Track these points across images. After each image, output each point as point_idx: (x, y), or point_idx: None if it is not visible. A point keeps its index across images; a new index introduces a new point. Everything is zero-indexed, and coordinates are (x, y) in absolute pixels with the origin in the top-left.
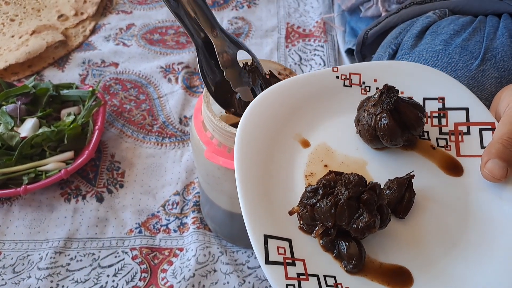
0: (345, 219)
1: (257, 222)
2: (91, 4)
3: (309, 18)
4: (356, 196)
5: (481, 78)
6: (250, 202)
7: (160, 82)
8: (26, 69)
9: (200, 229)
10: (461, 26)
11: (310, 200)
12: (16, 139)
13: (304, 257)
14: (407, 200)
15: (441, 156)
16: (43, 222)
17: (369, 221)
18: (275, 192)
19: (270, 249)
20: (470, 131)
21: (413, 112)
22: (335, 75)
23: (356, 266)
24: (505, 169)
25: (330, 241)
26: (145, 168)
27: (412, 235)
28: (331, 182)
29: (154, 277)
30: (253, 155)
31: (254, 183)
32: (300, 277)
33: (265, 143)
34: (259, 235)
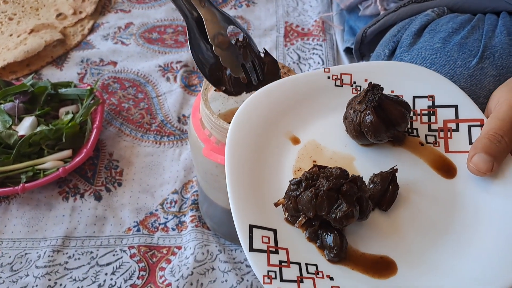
0: (324, 209)
1: (243, 212)
2: (90, 3)
3: (307, 17)
4: (337, 188)
5: (480, 76)
6: (238, 193)
7: (158, 80)
8: (25, 67)
9: (199, 228)
10: (459, 24)
11: (294, 192)
12: (14, 137)
13: (288, 247)
14: (390, 193)
15: (429, 153)
16: (41, 220)
17: (347, 211)
18: (264, 185)
19: (254, 238)
20: (459, 128)
21: (397, 109)
22: (326, 76)
23: (337, 255)
24: (491, 163)
25: (314, 231)
26: (144, 167)
27: (395, 226)
28: (313, 175)
29: (152, 275)
30: (243, 149)
31: (243, 175)
32: (282, 264)
33: (256, 139)
34: (245, 225)
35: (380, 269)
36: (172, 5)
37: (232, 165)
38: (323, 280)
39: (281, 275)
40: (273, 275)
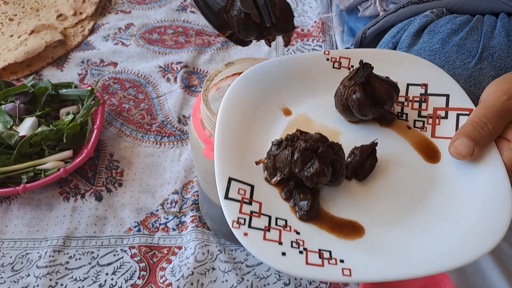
0: (298, 167)
1: (225, 165)
2: (90, 3)
3: (307, 18)
4: (313, 149)
5: (479, 77)
6: (224, 149)
7: (159, 81)
8: (25, 68)
9: (199, 228)
10: (458, 25)
11: (274, 152)
12: (15, 138)
13: (262, 201)
14: (368, 165)
15: (415, 136)
16: (42, 220)
17: (319, 169)
18: (250, 146)
19: (231, 189)
20: (447, 116)
21: (384, 87)
22: (325, 57)
23: (307, 213)
24: (471, 148)
25: (289, 190)
26: (144, 167)
27: (368, 196)
28: (294, 137)
29: (153, 275)
30: (237, 111)
31: (232, 133)
32: (253, 214)
33: (250, 104)
34: (225, 177)
35: (346, 231)
36: (173, 6)
37: (223, 122)
38: (289, 233)
39: (250, 222)
40: (242, 222)
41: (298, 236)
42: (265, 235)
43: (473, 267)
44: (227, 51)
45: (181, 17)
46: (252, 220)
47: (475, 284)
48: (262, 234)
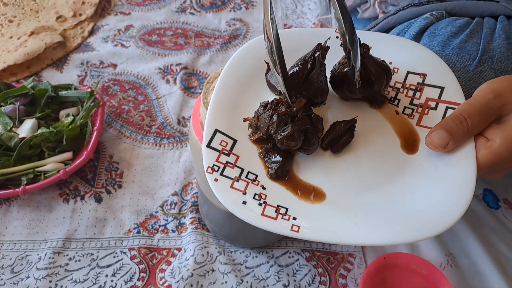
0: (274, 128)
1: (215, 118)
2: (90, 5)
3: (306, 19)
4: (292, 115)
5: (479, 79)
6: (218, 103)
7: (158, 83)
8: (25, 70)
9: (198, 229)
10: (458, 28)
11: (260, 112)
12: (15, 139)
13: (240, 155)
14: (344, 140)
15: (400, 122)
16: (41, 222)
17: (290, 134)
18: (243, 106)
19: (214, 139)
20: (437, 107)
21: (375, 69)
22: (335, 35)
23: (276, 172)
24: (446, 140)
25: (266, 150)
26: (144, 169)
27: (337, 167)
28: (279, 102)
29: (152, 277)
30: (238, 74)
31: (228, 92)
32: (228, 164)
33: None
34: (212, 128)
35: (308, 195)
36: (172, 8)
37: (223, 80)
38: (256, 186)
39: (223, 171)
40: (216, 169)
41: (262, 191)
42: (233, 184)
43: (471, 268)
44: (226, 53)
45: (181, 18)
46: (226, 169)
47: (474, 285)
48: (230, 183)
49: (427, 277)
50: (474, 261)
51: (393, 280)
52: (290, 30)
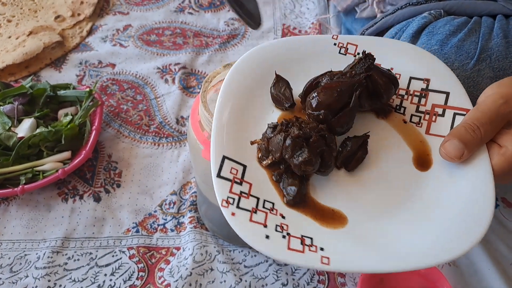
0: (288, 153)
1: (221, 144)
2: (88, 5)
3: (304, 19)
4: (305, 137)
5: (477, 78)
6: (221, 128)
7: (157, 82)
8: (23, 69)
9: (197, 228)
10: (456, 27)
11: (269, 134)
12: (14, 139)
13: (252, 182)
14: (358, 157)
15: (410, 132)
16: (40, 221)
17: (307, 158)
18: (247, 127)
19: (224, 167)
20: (444, 114)
21: (383, 80)
22: (333, 42)
23: (294, 198)
24: (461, 150)
25: (279, 174)
26: (142, 168)
27: (355, 187)
28: (290, 123)
29: (151, 276)
30: (237, 92)
31: (230, 114)
32: (242, 195)
33: (252, 84)
34: (219, 155)
35: (329, 219)
36: (171, 8)
37: (223, 103)
38: (275, 216)
39: (239, 203)
40: (231, 201)
41: (283, 220)
42: (252, 216)
43: (470, 267)
44: (225, 52)
45: (179, 18)
46: (241, 200)
47: (472, 284)
48: (248, 216)
49: (425, 276)
50: (472, 260)
51: (392, 279)
52: (287, 39)
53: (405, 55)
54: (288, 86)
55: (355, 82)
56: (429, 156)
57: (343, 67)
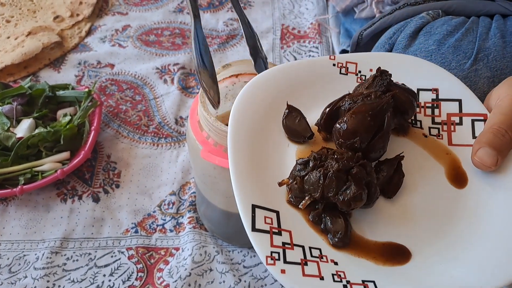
0: (332, 190)
1: (245, 192)
2: (87, 5)
3: (303, 19)
4: (346, 169)
5: (474, 78)
6: (240, 173)
7: (156, 83)
8: (22, 70)
9: (196, 229)
10: (454, 27)
11: (300, 172)
12: (12, 139)
13: (291, 229)
14: (395, 181)
15: (433, 145)
16: (39, 222)
17: (356, 193)
18: (266, 166)
19: (257, 218)
20: (462, 122)
21: (405, 95)
22: (331, 63)
23: (341, 239)
24: (495, 157)
25: (317, 214)
26: (141, 169)
27: (400, 214)
28: (322, 156)
29: (150, 276)
30: (246, 130)
31: (245, 156)
32: (286, 246)
33: (259, 121)
34: (247, 205)
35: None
36: (169, 8)
37: (235, 145)
38: (327, 264)
39: (285, 256)
40: (276, 256)
41: (337, 267)
42: (304, 270)
43: None
44: (224, 53)
45: (178, 18)
46: (287, 253)
47: None
48: (300, 269)
49: None
50: None
51: None
52: (284, 66)
53: (407, 67)
54: (302, 115)
55: (384, 103)
56: (460, 168)
57: (348, 87)
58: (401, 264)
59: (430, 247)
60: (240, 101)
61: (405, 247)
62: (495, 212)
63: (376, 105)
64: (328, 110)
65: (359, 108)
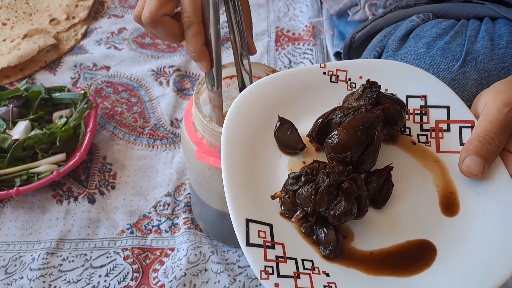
0: (324, 205)
1: (239, 206)
2: (83, 8)
3: (298, 22)
4: (337, 184)
5: (462, 80)
6: (234, 187)
7: (151, 85)
8: (18, 72)
9: (191, 229)
10: (443, 30)
11: (292, 186)
12: (9, 141)
13: (284, 242)
14: (385, 191)
15: (421, 153)
16: (35, 223)
17: (347, 208)
18: (259, 179)
19: (251, 233)
20: (450, 129)
21: (394, 107)
22: (322, 71)
23: (332, 251)
24: (482, 165)
25: (310, 227)
26: (137, 170)
27: (390, 224)
28: (313, 170)
29: (145, 276)
30: (239, 144)
31: (238, 170)
32: (279, 260)
33: (251, 133)
34: (241, 219)
35: (374, 266)
36: None
37: (228, 159)
38: (319, 276)
39: (278, 270)
40: (270, 271)
41: (328, 279)
42: (296, 283)
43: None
44: None
45: None
46: (280, 267)
47: None
48: (293, 282)
49: None
50: None
51: None
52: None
53: (396, 74)
54: (293, 127)
55: (375, 118)
56: (447, 175)
57: (339, 95)
58: (391, 274)
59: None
60: (232, 114)
61: (394, 258)
62: (482, 219)
63: (367, 119)
64: (320, 123)
65: (350, 122)
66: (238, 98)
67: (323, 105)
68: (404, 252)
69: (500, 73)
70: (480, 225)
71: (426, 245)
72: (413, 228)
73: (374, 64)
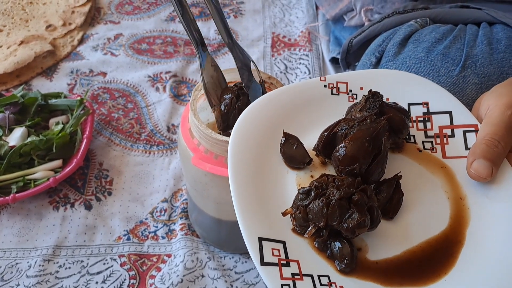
0: (336, 219)
1: (251, 225)
2: (79, 14)
3: (294, 28)
4: (348, 197)
5: (462, 84)
6: (244, 205)
7: (148, 91)
8: (14, 79)
9: (188, 236)
10: (442, 34)
11: (303, 202)
12: (5, 148)
13: (298, 258)
14: (395, 201)
15: (428, 160)
16: (31, 230)
17: (360, 220)
18: (267, 196)
19: (265, 251)
20: (454, 134)
21: (398, 116)
22: (322, 84)
23: (348, 265)
24: (490, 168)
25: (323, 241)
26: (133, 176)
27: (403, 234)
28: (323, 184)
29: (142, 283)
30: (245, 162)
31: (247, 187)
32: (295, 277)
33: (257, 151)
34: (254, 238)
35: (390, 277)
36: (161, 17)
37: (236, 177)
38: None
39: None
40: None
41: None
42: None
43: None
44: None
45: (170, 27)
46: (297, 284)
47: None
48: None
49: None
50: None
51: None
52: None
53: (396, 82)
54: (299, 142)
55: (380, 127)
56: (455, 180)
57: (342, 108)
58: (407, 284)
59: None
60: (237, 132)
61: (410, 267)
62: (495, 224)
63: (373, 130)
64: (325, 136)
65: (356, 134)
66: (241, 116)
67: (327, 118)
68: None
69: (499, 77)
70: (494, 229)
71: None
72: (428, 238)
73: (373, 74)
